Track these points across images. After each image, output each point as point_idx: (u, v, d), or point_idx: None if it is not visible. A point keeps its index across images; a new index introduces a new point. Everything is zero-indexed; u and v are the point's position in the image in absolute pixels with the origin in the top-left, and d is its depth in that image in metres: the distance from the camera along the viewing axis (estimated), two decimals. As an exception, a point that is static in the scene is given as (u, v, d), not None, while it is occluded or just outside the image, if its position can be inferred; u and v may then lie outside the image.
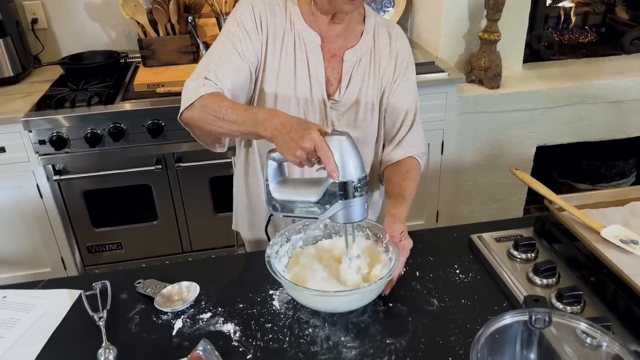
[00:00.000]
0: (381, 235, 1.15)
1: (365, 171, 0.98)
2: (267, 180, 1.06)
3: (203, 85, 1.11)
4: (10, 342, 1.01)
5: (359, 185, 0.96)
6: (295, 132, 0.95)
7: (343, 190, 0.96)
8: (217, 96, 1.10)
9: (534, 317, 0.82)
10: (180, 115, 1.14)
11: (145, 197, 2.34)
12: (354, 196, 0.96)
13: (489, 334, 0.80)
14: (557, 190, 1.20)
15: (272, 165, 1.05)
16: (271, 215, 1.09)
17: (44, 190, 2.23)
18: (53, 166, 2.19)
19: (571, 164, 2.95)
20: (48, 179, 2.21)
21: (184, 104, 1.13)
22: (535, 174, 2.63)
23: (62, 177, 2.20)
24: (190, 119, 1.13)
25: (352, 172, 0.95)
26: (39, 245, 2.35)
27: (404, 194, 1.23)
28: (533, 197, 2.87)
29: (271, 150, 1.04)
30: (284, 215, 1.07)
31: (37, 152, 2.13)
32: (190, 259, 2.50)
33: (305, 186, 1.05)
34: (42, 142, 2.11)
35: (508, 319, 0.82)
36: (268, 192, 1.06)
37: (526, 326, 0.83)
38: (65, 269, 2.42)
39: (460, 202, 2.68)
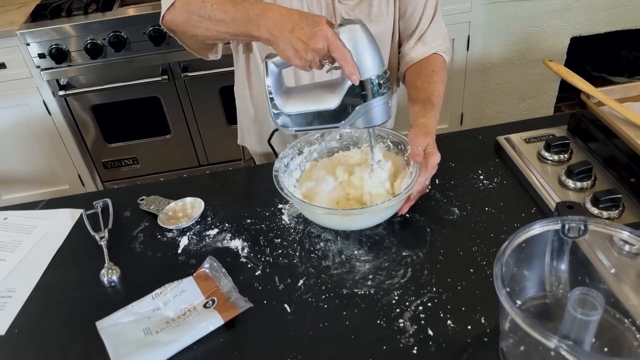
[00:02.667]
0: (403, 148, 1.03)
1: (385, 66, 0.85)
2: (270, 93, 0.91)
3: None
4: (12, 265, 0.98)
5: (380, 82, 0.84)
6: (302, 30, 0.81)
7: (363, 90, 0.84)
8: None
9: (567, 226, 0.73)
10: (162, 19, 1.00)
11: (155, 109, 2.26)
12: (375, 96, 0.84)
13: (516, 244, 0.72)
14: (592, 85, 1.07)
15: (273, 73, 0.90)
16: (278, 129, 0.96)
17: (51, 106, 2.17)
18: (57, 81, 2.11)
19: (607, 56, 2.74)
20: (54, 94, 2.15)
21: (164, 6, 0.98)
22: (568, 67, 2.44)
23: (68, 92, 2.12)
24: (172, 22, 0.99)
25: (370, 67, 0.82)
26: (54, 163, 2.34)
27: (431, 98, 1.08)
28: (565, 94, 2.71)
29: (269, 56, 0.89)
30: (296, 131, 0.94)
31: (38, 67, 2.05)
32: (208, 172, 2.46)
33: (317, 92, 0.91)
34: (42, 56, 2.02)
35: (538, 228, 0.73)
36: (274, 107, 0.92)
37: (558, 235, 0.75)
38: (83, 185, 2.42)
39: (486, 102, 2.53)
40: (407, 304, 0.83)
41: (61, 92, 2.11)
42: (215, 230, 1.02)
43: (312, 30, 0.80)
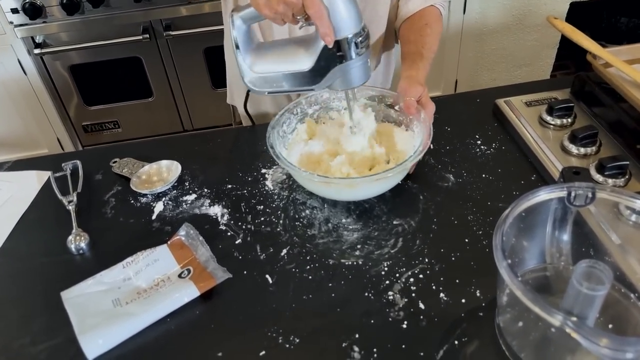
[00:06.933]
0: (392, 102, 0.96)
1: (363, 22, 0.78)
2: (238, 49, 0.83)
3: None
4: (-27, 230, 0.91)
5: (357, 40, 0.76)
6: None
7: (339, 51, 0.77)
8: None
9: (573, 193, 0.67)
10: None
11: (137, 71, 2.16)
12: (352, 57, 0.77)
13: (517, 212, 0.66)
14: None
15: (241, 29, 0.82)
16: (249, 90, 0.89)
17: (26, 66, 2.06)
18: (32, 39, 2.00)
19: (607, 23, 2.65)
20: (29, 53, 2.03)
21: None
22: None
23: (44, 51, 2.01)
24: None
25: (346, 25, 0.75)
26: (32, 126, 2.24)
27: (421, 51, 1.02)
28: (561, 63, 2.63)
29: (236, 9, 0.80)
30: (269, 92, 0.87)
31: (11, 23, 1.93)
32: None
33: (289, 50, 0.83)
34: (15, 11, 1.90)
35: (543, 194, 0.67)
36: (242, 65, 0.85)
37: (562, 204, 0.69)
38: (63, 149, 2.33)
39: (481, 68, 2.45)
40: (397, 275, 0.77)
41: (37, 51, 2.00)
42: (193, 196, 0.95)
43: None
